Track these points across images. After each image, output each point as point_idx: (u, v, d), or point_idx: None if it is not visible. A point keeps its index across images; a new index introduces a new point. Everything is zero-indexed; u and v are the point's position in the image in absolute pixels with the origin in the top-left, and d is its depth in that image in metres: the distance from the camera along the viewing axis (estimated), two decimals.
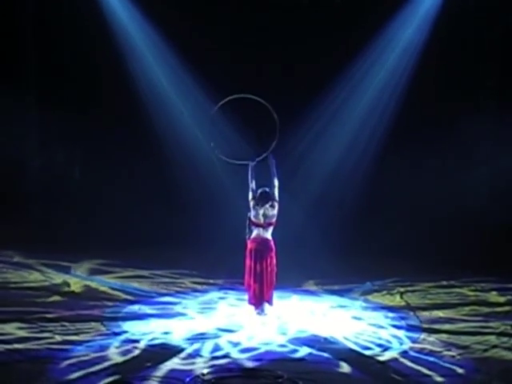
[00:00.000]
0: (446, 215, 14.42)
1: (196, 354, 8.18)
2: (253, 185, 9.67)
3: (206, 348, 8.42)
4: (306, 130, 14.71)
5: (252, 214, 9.62)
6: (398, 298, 11.15)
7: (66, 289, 11.10)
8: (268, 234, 9.67)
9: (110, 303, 10.30)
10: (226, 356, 8.16)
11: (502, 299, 11.11)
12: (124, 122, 14.72)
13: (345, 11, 14.48)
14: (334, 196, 14.68)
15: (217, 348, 8.43)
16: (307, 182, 14.71)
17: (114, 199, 14.68)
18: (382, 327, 9.49)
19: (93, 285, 11.38)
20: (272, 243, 9.68)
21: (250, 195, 9.64)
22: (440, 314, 10.22)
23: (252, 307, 9.67)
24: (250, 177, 9.70)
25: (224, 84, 14.01)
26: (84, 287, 11.24)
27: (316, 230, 14.10)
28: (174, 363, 7.90)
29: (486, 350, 8.59)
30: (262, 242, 9.61)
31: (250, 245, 9.66)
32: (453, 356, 8.37)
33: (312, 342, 8.77)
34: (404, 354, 8.43)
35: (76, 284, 11.39)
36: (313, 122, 14.70)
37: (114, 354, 8.11)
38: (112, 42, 14.57)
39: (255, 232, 9.65)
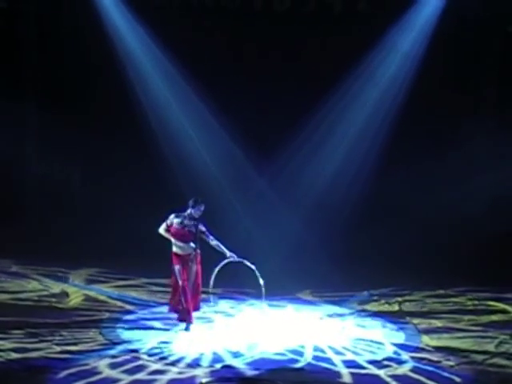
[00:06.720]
0: (447, 224, 14.43)
1: (195, 364, 8.18)
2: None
3: (205, 359, 8.42)
4: (305, 139, 14.71)
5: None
6: (396, 307, 11.16)
7: (65, 298, 11.08)
8: None
9: (108, 313, 10.29)
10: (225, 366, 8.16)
11: (500, 309, 11.11)
12: (124, 129, 14.71)
13: (344, 20, 14.51)
14: (334, 206, 14.67)
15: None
16: (307, 192, 14.70)
17: (113, 206, 14.63)
18: (379, 337, 9.49)
19: (91, 294, 11.36)
20: None
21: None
22: (438, 323, 10.22)
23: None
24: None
25: (221, 89, 14.13)
26: (82, 296, 11.21)
27: (315, 239, 14.08)
28: (171, 373, 7.90)
29: (484, 360, 8.60)
30: None
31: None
32: (451, 366, 8.37)
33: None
34: (403, 364, 8.43)
35: (74, 293, 11.36)
36: (312, 131, 14.70)
37: (113, 364, 8.09)
38: (112, 50, 14.60)
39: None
